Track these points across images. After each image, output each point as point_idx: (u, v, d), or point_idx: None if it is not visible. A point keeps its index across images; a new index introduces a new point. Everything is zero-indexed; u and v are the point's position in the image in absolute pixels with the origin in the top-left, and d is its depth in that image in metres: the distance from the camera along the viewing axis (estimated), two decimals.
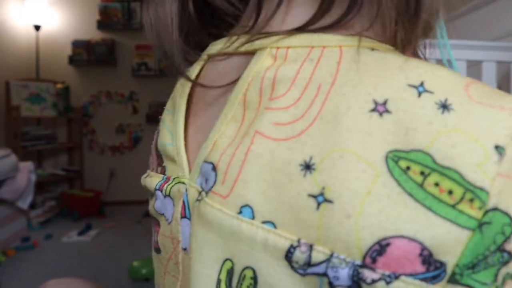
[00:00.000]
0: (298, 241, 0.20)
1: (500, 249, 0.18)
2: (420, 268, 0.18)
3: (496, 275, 0.18)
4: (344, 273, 0.19)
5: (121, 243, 2.47)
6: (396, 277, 0.19)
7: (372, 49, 0.23)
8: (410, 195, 0.19)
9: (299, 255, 0.20)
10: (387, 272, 0.19)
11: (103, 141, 3.67)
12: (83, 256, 2.23)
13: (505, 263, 0.18)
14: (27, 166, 2.56)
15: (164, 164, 0.32)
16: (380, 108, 0.20)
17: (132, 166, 3.61)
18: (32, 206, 2.74)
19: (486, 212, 0.18)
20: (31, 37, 3.46)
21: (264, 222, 0.22)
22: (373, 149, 0.20)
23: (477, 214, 0.18)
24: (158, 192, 0.31)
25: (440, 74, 0.21)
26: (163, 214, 0.31)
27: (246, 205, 0.22)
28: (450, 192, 0.18)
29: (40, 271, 1.97)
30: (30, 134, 3.16)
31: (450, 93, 0.20)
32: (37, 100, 3.26)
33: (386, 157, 0.20)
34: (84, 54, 3.58)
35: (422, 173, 0.19)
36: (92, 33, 3.60)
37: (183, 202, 0.28)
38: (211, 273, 0.24)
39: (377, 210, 0.19)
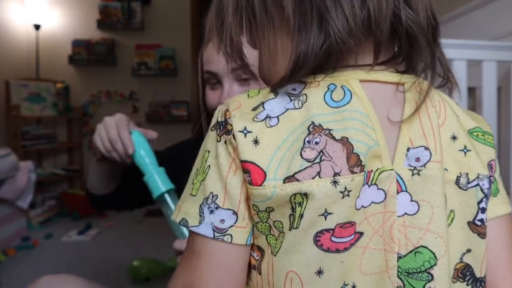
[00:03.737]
0: (460, 173, 0.42)
1: None
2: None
3: None
4: (485, 182, 0.42)
5: (121, 243, 2.47)
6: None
7: None
8: None
9: (462, 180, 0.42)
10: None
11: None
12: (83, 256, 2.23)
13: None
14: (27, 165, 2.56)
15: (364, 162, 0.37)
16: None
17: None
18: (32, 205, 2.74)
19: None
20: (31, 36, 3.46)
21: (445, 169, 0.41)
22: None
23: None
24: (365, 187, 0.38)
25: None
26: (361, 207, 0.38)
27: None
28: None
29: (40, 270, 1.97)
30: (30, 133, 3.16)
31: None
32: (37, 99, 3.26)
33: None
34: (84, 53, 3.58)
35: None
36: (92, 33, 3.60)
37: (397, 181, 0.39)
38: (443, 212, 0.40)
39: None
